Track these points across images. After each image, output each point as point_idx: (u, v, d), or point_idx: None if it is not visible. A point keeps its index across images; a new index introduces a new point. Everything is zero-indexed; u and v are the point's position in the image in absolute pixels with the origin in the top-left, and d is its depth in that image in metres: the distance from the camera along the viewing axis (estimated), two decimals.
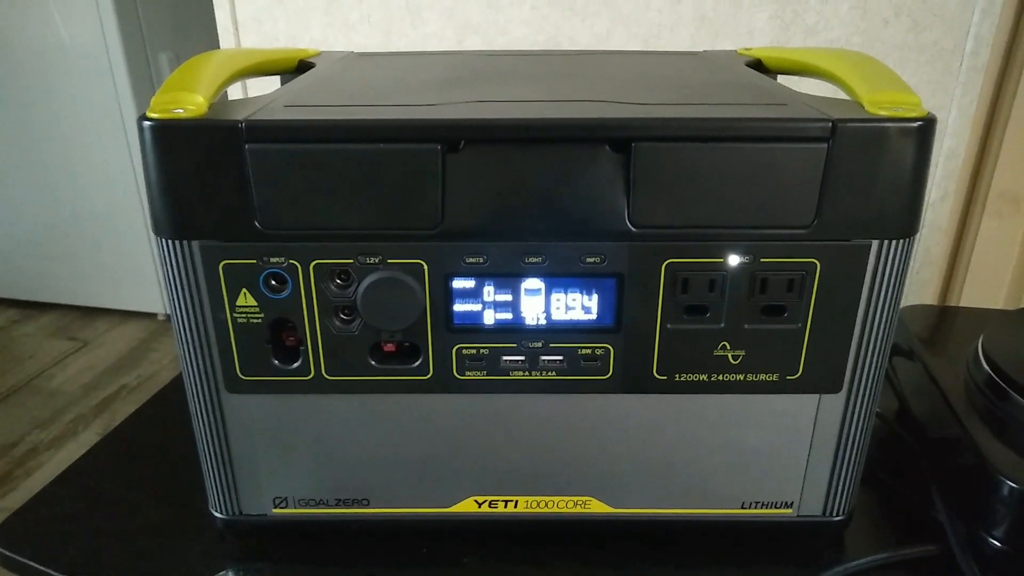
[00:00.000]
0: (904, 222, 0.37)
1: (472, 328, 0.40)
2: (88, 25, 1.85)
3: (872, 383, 0.41)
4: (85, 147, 1.99)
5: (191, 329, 0.40)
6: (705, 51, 0.61)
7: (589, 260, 0.38)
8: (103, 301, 2.23)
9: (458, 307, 0.39)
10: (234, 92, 0.83)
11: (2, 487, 1.55)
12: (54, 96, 1.95)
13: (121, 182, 2.01)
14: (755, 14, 0.74)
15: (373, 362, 0.40)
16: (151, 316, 2.23)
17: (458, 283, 0.38)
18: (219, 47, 0.83)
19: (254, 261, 0.38)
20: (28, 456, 1.65)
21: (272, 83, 0.53)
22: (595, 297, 0.39)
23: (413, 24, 0.79)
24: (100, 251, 2.13)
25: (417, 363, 0.40)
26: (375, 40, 0.81)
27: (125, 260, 2.13)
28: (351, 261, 0.38)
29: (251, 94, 0.69)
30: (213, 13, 0.83)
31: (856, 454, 0.43)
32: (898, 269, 0.38)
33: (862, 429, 0.42)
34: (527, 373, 0.41)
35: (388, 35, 0.80)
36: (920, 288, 0.84)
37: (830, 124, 0.35)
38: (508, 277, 0.38)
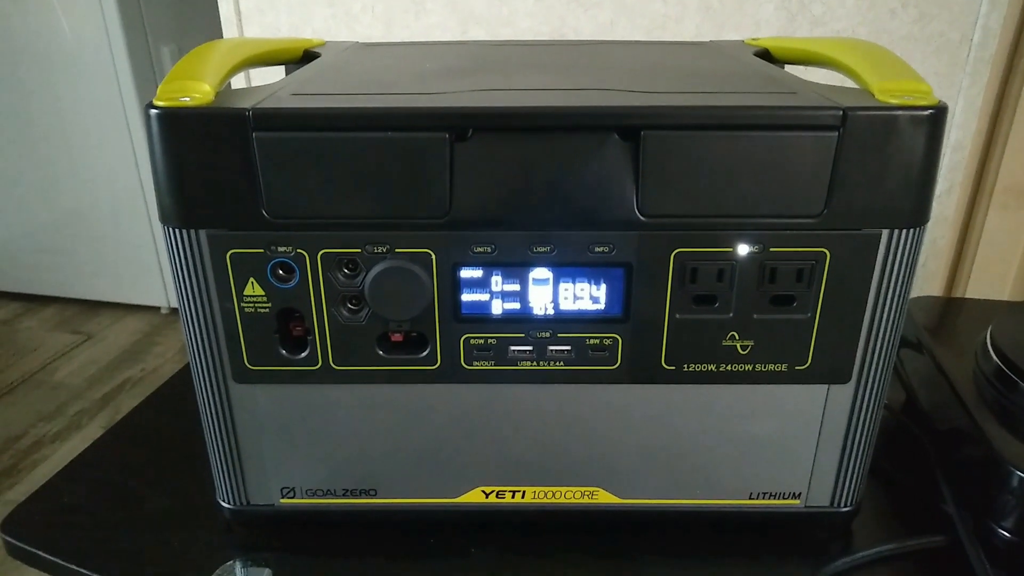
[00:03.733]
0: (914, 211, 0.37)
1: (480, 318, 0.39)
2: (90, 17, 1.85)
3: (881, 374, 0.41)
4: (87, 140, 1.99)
5: (198, 319, 0.39)
6: (713, 41, 0.61)
7: (597, 249, 0.38)
8: (106, 294, 2.23)
9: (466, 297, 0.39)
10: (237, 83, 0.83)
11: (7, 480, 1.56)
12: (56, 89, 1.94)
13: (124, 175, 2.01)
14: (761, 5, 0.73)
15: (381, 352, 0.40)
16: (154, 309, 2.23)
17: (466, 272, 0.38)
18: (222, 38, 0.82)
19: (261, 250, 0.38)
20: (33, 449, 1.65)
21: (276, 74, 0.53)
22: (603, 287, 0.39)
23: (416, 15, 0.79)
24: (103, 244, 2.13)
25: (425, 353, 0.40)
26: (377, 31, 0.80)
27: (128, 253, 2.13)
28: (359, 250, 0.38)
29: (255, 84, 0.69)
30: (215, 6, 0.82)
31: (864, 445, 0.43)
32: (908, 258, 0.38)
33: (870, 420, 0.42)
34: (535, 363, 0.40)
35: (390, 26, 0.80)
36: (926, 280, 0.83)
37: (840, 112, 0.35)
38: (516, 267, 0.38)
